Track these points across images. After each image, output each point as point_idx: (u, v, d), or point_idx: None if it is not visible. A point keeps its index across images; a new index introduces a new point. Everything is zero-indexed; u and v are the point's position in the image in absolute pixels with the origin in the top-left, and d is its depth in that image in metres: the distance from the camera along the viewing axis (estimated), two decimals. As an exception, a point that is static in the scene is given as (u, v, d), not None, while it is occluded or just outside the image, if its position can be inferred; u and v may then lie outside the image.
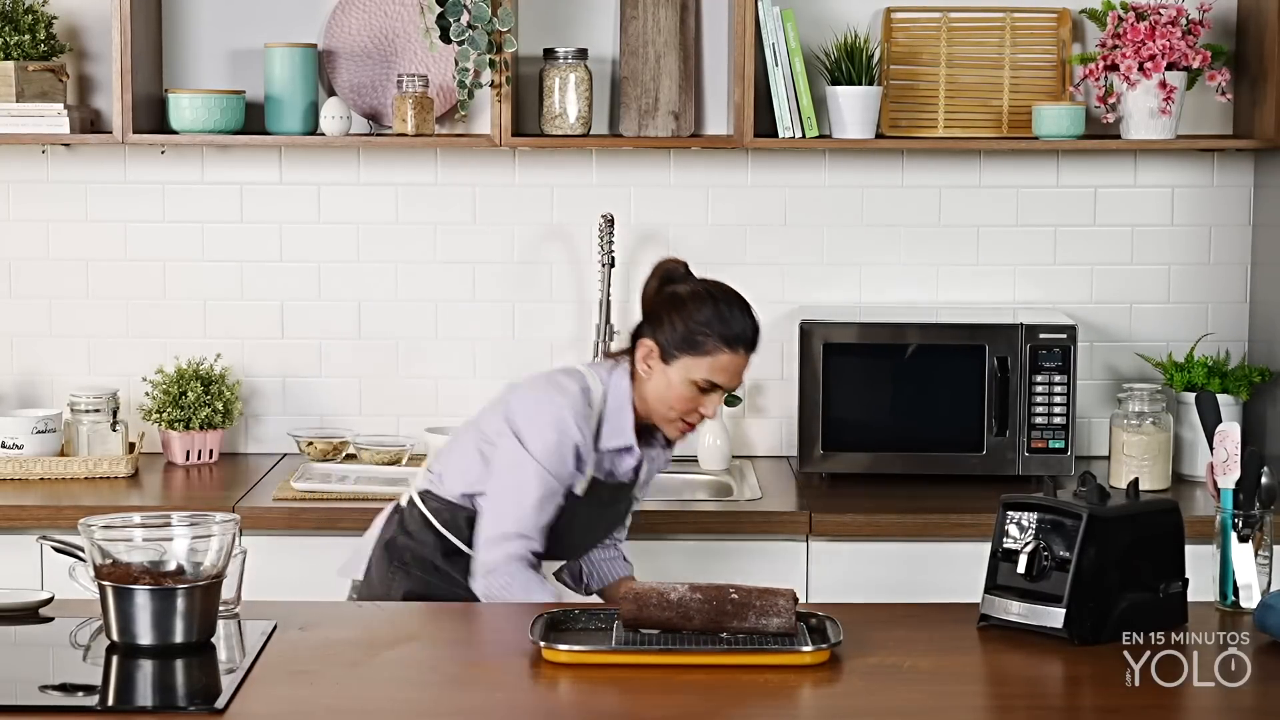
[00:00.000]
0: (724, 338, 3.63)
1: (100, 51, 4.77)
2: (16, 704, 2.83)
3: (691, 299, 3.66)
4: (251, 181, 4.85)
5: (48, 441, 4.61)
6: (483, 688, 2.95)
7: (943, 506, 4.32)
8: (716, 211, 4.86)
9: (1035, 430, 4.53)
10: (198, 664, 3.00)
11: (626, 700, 2.90)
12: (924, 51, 4.80)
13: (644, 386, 3.68)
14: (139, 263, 4.86)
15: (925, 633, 3.18)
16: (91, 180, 4.84)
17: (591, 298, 4.81)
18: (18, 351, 4.88)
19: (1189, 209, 4.85)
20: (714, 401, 3.67)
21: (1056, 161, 4.85)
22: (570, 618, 3.17)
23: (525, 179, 4.85)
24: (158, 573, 3.02)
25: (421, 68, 4.76)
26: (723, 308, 3.65)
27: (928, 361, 4.57)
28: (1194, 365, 4.68)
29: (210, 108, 4.60)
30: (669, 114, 4.71)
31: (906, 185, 4.85)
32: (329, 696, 2.89)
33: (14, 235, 4.85)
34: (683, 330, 3.63)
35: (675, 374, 3.64)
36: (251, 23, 4.79)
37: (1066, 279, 4.87)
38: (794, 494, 4.49)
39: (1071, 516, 3.13)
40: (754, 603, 3.06)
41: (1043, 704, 2.91)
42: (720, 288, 3.70)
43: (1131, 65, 4.58)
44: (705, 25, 4.80)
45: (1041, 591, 3.13)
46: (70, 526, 3.35)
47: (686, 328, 3.63)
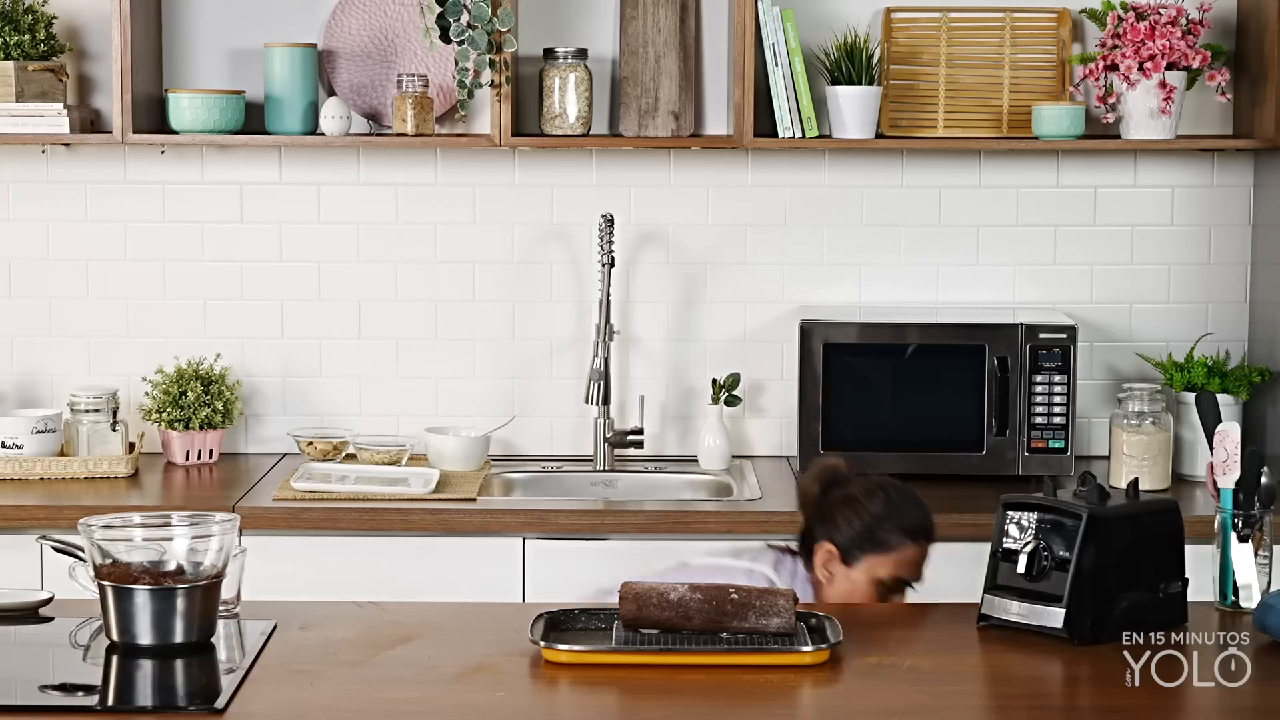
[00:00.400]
0: (904, 530, 3.54)
1: (100, 51, 4.77)
2: (16, 704, 2.83)
3: (866, 497, 3.57)
4: (251, 181, 4.85)
5: (47, 441, 4.61)
6: (483, 688, 2.95)
7: (942, 506, 4.29)
8: (716, 211, 4.86)
9: (1035, 430, 4.53)
10: (197, 664, 3.00)
11: (626, 700, 2.90)
12: (924, 51, 4.80)
13: (826, 591, 3.57)
14: (139, 262, 4.86)
15: (925, 633, 3.19)
16: (91, 180, 4.84)
17: (591, 298, 4.81)
18: (17, 351, 4.87)
19: (1189, 209, 4.85)
20: (899, 598, 3.57)
21: (1056, 161, 4.85)
22: (570, 618, 3.17)
23: (525, 179, 4.85)
24: (158, 573, 3.02)
25: (421, 68, 4.76)
26: (895, 499, 3.58)
27: (928, 361, 4.57)
28: (1194, 365, 4.68)
29: (210, 108, 4.60)
30: (669, 114, 4.71)
31: (906, 185, 4.85)
32: (329, 697, 2.89)
33: (14, 235, 4.85)
34: (861, 529, 3.54)
35: (859, 574, 3.54)
36: (251, 22, 4.79)
37: (1066, 279, 4.87)
38: (794, 494, 4.49)
39: (1071, 516, 3.14)
40: (754, 603, 3.06)
41: (1042, 704, 2.91)
42: (888, 481, 3.64)
43: (1131, 65, 4.58)
44: (705, 25, 4.80)
45: (1041, 591, 3.13)
46: (70, 526, 3.35)
47: (865, 525, 3.54)
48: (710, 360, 4.87)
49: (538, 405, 4.88)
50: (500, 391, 4.87)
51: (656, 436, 4.86)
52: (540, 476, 4.74)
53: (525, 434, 4.88)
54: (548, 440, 4.90)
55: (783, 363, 4.84)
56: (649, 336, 4.88)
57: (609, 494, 4.69)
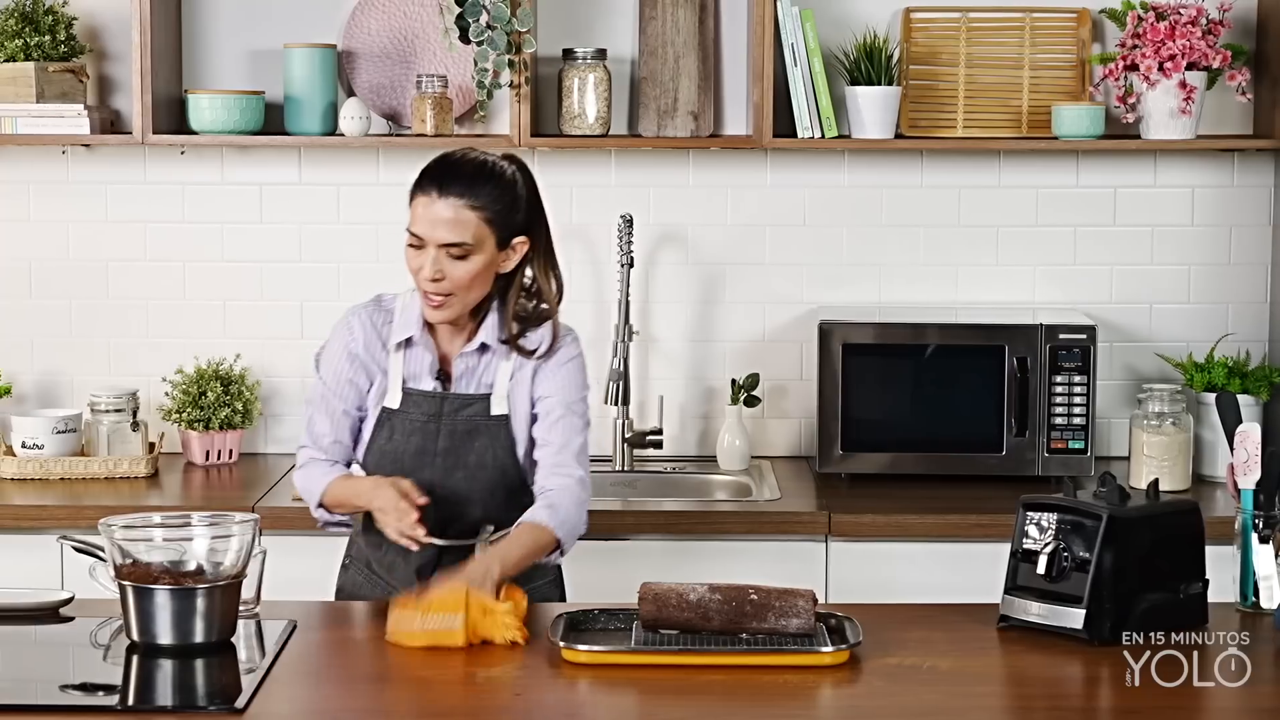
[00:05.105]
0: (415, 183, 3.45)
1: (120, 52, 4.78)
2: (37, 703, 2.84)
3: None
4: (271, 182, 4.86)
5: (68, 442, 4.62)
6: (503, 688, 2.95)
7: (962, 507, 4.32)
8: (735, 212, 4.85)
9: (1055, 430, 4.52)
10: (217, 664, 3.01)
11: (646, 701, 2.90)
12: (943, 51, 4.79)
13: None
14: (159, 263, 4.86)
15: (945, 633, 3.18)
16: (111, 181, 4.85)
17: (610, 298, 4.81)
18: (38, 352, 4.88)
19: (1209, 209, 4.84)
20: (426, 259, 3.40)
21: (1076, 162, 4.84)
22: (590, 618, 3.17)
23: (544, 179, 4.79)
24: (178, 573, 3.03)
25: (441, 68, 4.76)
26: (434, 159, 3.49)
27: (947, 362, 4.56)
28: (1214, 366, 4.67)
29: (230, 108, 4.61)
30: (688, 114, 4.71)
31: (926, 185, 4.85)
32: (348, 696, 2.89)
33: (34, 236, 4.86)
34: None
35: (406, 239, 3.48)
36: (271, 23, 4.80)
37: (1086, 279, 4.86)
38: (813, 494, 4.48)
39: (1091, 517, 3.13)
40: (773, 603, 3.06)
41: (1062, 705, 2.91)
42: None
43: (1151, 65, 4.57)
44: (724, 25, 4.80)
45: (1061, 592, 3.13)
46: (90, 526, 3.36)
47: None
48: (729, 360, 4.87)
49: (557, 405, 4.88)
50: (519, 392, 4.87)
51: (675, 437, 4.86)
52: (559, 477, 4.74)
53: (544, 434, 4.87)
54: (567, 440, 4.89)
55: (802, 363, 4.84)
56: (668, 337, 4.88)
57: (628, 494, 4.69)
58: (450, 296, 3.43)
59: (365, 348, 3.54)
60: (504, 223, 3.45)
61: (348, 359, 3.55)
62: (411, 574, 3.50)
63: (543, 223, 3.55)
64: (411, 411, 3.52)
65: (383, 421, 3.54)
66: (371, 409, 3.56)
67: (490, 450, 3.52)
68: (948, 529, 4.25)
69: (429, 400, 3.52)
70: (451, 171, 3.45)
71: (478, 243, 3.41)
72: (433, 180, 3.43)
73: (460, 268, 3.41)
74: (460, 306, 3.46)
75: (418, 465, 3.51)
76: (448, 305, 3.44)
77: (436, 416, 3.52)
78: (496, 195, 3.44)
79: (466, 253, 3.40)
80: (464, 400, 3.52)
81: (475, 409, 3.52)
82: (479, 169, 3.46)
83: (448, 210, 3.40)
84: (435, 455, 3.52)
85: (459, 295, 3.43)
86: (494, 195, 3.44)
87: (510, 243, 3.47)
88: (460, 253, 3.40)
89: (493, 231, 3.43)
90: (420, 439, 3.52)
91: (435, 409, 3.52)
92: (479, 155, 3.50)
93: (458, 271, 3.41)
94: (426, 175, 3.45)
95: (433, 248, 3.40)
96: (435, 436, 3.52)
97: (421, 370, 3.53)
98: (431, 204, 3.41)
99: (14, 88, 4.59)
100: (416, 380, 3.53)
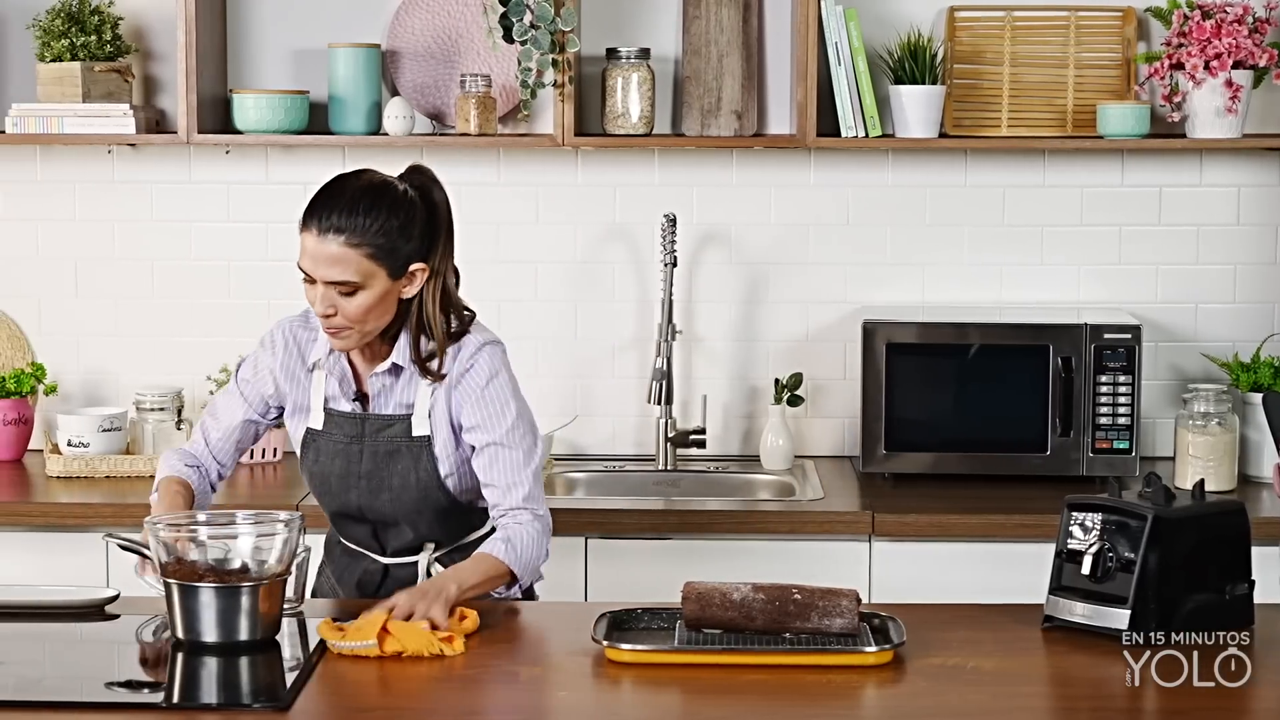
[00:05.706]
0: (303, 214, 3.34)
1: (165, 52, 4.80)
2: (84, 700, 2.85)
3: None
4: (316, 181, 4.76)
5: (113, 440, 4.63)
6: (547, 687, 2.96)
7: (1006, 507, 4.31)
8: (779, 211, 4.85)
9: (1100, 430, 4.50)
10: (262, 661, 3.01)
11: (689, 700, 2.90)
12: (988, 50, 4.78)
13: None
14: (204, 262, 4.88)
15: (989, 633, 3.18)
16: (157, 180, 4.87)
17: (654, 297, 4.81)
18: (84, 350, 4.91)
19: (1255, 208, 4.82)
20: (317, 294, 3.31)
21: (1121, 161, 4.83)
22: (633, 617, 3.17)
23: (588, 178, 4.86)
24: (223, 571, 3.04)
25: (484, 67, 4.77)
26: (322, 187, 3.37)
27: (991, 361, 4.55)
28: (1260, 366, 4.65)
29: (274, 108, 4.62)
30: (731, 113, 4.71)
31: (970, 184, 4.84)
32: (393, 695, 2.90)
33: (80, 235, 4.88)
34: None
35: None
36: (315, 23, 4.81)
37: (1131, 279, 4.84)
38: (856, 494, 4.48)
39: (1136, 517, 3.12)
40: (817, 603, 3.06)
41: (1107, 705, 2.90)
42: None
43: (1197, 64, 4.55)
44: (768, 24, 4.79)
45: (1106, 593, 3.12)
46: (136, 524, 3.37)
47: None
48: (773, 360, 4.86)
49: (600, 405, 4.89)
50: (563, 391, 4.88)
51: (719, 436, 4.86)
52: (603, 476, 4.75)
53: (588, 433, 4.88)
54: (610, 440, 4.90)
55: (845, 363, 4.83)
56: (711, 336, 4.87)
57: (671, 493, 4.69)
58: (347, 329, 3.34)
59: (283, 364, 3.51)
60: (393, 252, 3.32)
61: (264, 370, 3.52)
62: (353, 586, 3.55)
63: (445, 242, 3.44)
64: (334, 433, 3.47)
65: (308, 443, 3.50)
66: (292, 428, 3.54)
67: (413, 472, 3.45)
68: (992, 529, 4.23)
69: (349, 421, 3.47)
70: (332, 206, 3.31)
71: (365, 278, 3.30)
72: (313, 215, 3.31)
73: (351, 303, 3.31)
74: (359, 337, 3.36)
75: (343, 488, 3.48)
76: (345, 336, 3.36)
77: (358, 438, 3.46)
78: (379, 228, 3.30)
79: (354, 289, 3.30)
80: (384, 421, 3.45)
81: (396, 430, 3.44)
82: (364, 199, 3.32)
83: (330, 247, 3.29)
84: (360, 477, 3.47)
85: (355, 328, 3.34)
86: (378, 228, 3.30)
87: (407, 270, 3.36)
88: (348, 289, 3.30)
89: (381, 264, 3.31)
90: (344, 461, 3.47)
91: (356, 430, 3.46)
92: (368, 181, 3.37)
93: (349, 307, 3.31)
94: (310, 209, 3.33)
95: (321, 285, 3.31)
96: (359, 459, 3.46)
97: (338, 391, 3.48)
98: (314, 241, 3.30)
99: (60, 87, 4.61)
100: (336, 401, 3.48)
